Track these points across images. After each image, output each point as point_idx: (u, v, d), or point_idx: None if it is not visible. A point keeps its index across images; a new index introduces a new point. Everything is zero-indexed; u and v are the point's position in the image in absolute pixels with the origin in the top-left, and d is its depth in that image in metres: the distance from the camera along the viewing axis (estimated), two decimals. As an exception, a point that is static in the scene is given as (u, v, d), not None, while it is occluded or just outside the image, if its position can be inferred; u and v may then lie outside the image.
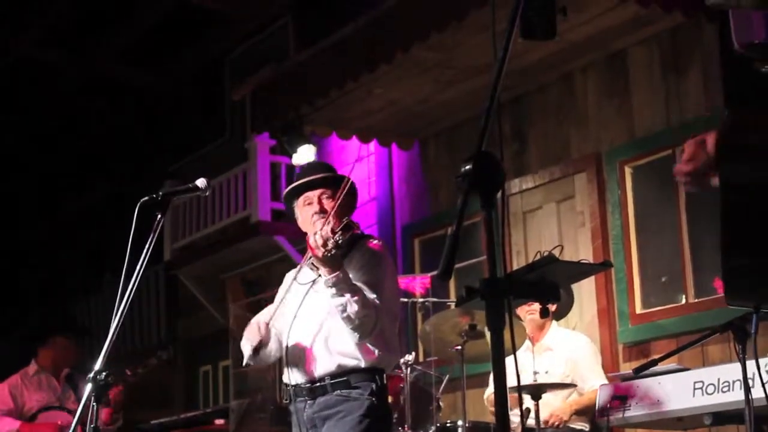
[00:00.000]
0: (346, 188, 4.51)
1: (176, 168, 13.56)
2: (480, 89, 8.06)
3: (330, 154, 11.03)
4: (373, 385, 4.43)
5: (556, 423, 6.39)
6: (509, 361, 2.65)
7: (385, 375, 4.55)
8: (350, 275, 4.38)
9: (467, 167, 2.26)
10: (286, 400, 4.63)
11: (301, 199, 4.74)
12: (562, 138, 8.28)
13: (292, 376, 4.56)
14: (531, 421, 6.00)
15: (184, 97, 14.48)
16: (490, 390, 6.92)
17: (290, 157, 10.73)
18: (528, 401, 6.01)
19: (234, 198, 11.62)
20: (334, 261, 4.29)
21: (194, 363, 13.91)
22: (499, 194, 2.35)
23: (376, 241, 4.71)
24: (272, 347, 4.64)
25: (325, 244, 4.19)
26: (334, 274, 4.29)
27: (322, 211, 4.60)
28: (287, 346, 4.55)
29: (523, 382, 5.89)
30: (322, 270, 4.35)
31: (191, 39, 13.77)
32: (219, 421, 10.01)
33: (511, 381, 2.69)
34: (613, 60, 7.93)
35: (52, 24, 13.60)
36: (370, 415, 4.38)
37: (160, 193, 4.17)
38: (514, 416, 6.08)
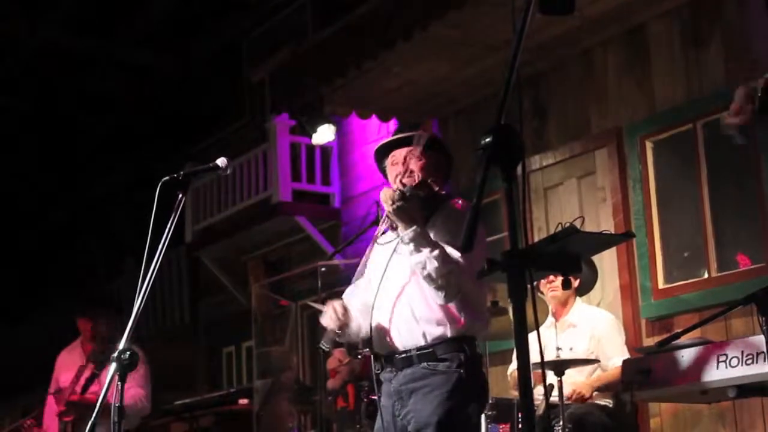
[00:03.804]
0: (426, 144, 4.41)
1: (197, 151, 13.60)
2: (499, 67, 8.04)
3: (350, 133, 11.04)
4: (462, 356, 4.19)
5: (578, 399, 6.38)
6: (532, 337, 2.65)
7: (475, 343, 4.31)
8: (433, 237, 4.19)
9: (487, 140, 2.26)
10: (378, 369, 4.41)
11: (389, 158, 4.54)
12: (582, 114, 8.25)
13: (380, 346, 4.36)
14: (554, 398, 5.99)
15: (203, 80, 14.51)
16: (513, 366, 6.93)
17: (310, 137, 10.75)
18: (551, 378, 6.00)
19: (254, 179, 11.65)
20: (407, 214, 4.13)
21: (217, 344, 13.97)
22: (519, 167, 2.35)
23: (460, 201, 4.48)
24: (357, 324, 4.41)
25: (392, 198, 4.08)
26: (411, 229, 4.12)
27: (408, 170, 4.44)
28: (373, 315, 4.32)
29: (546, 359, 5.90)
30: (400, 226, 4.17)
31: (210, 21, 13.78)
32: (243, 401, 10.08)
33: (534, 357, 2.69)
34: (633, 34, 7.89)
35: (73, 9, 13.64)
36: (459, 390, 4.15)
37: (181, 172, 4.18)
38: (538, 393, 6.08)
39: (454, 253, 4.14)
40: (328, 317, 4.35)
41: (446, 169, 4.62)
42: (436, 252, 4.09)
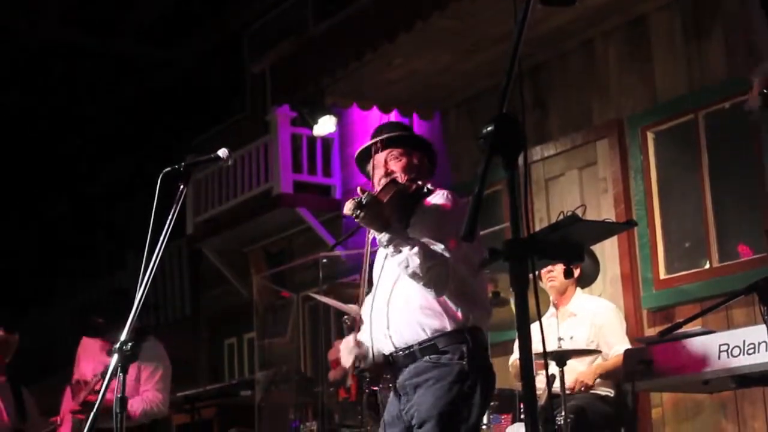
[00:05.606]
0: (406, 141, 4.35)
1: (198, 143, 13.60)
2: (500, 58, 8.00)
3: (351, 124, 11.03)
4: (464, 347, 4.13)
5: (581, 388, 6.38)
6: (534, 327, 2.64)
7: (481, 334, 4.26)
8: (417, 235, 4.13)
9: (488, 129, 2.26)
10: (386, 373, 4.39)
11: (371, 163, 4.46)
12: (584, 105, 8.25)
13: (384, 345, 4.32)
14: (556, 387, 5.99)
15: (204, 72, 14.50)
16: (515, 356, 6.93)
17: (311, 128, 10.75)
18: (553, 368, 6.00)
19: (256, 171, 11.64)
20: (374, 221, 4.04)
21: (219, 336, 13.98)
22: (521, 157, 2.35)
23: (440, 194, 4.32)
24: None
25: (351, 209, 4.01)
26: (385, 233, 4.05)
27: (388, 174, 4.34)
28: (372, 315, 4.32)
29: (548, 349, 5.89)
30: (373, 232, 4.13)
31: (210, 13, 13.77)
32: (244, 393, 10.08)
33: (535, 347, 2.68)
34: (634, 25, 7.88)
35: (72, 4, 13.64)
36: (462, 381, 4.10)
37: (183, 164, 4.16)
38: (539, 383, 6.08)
39: (438, 247, 4.10)
40: (344, 359, 4.35)
41: (429, 164, 4.53)
42: (416, 249, 4.03)
